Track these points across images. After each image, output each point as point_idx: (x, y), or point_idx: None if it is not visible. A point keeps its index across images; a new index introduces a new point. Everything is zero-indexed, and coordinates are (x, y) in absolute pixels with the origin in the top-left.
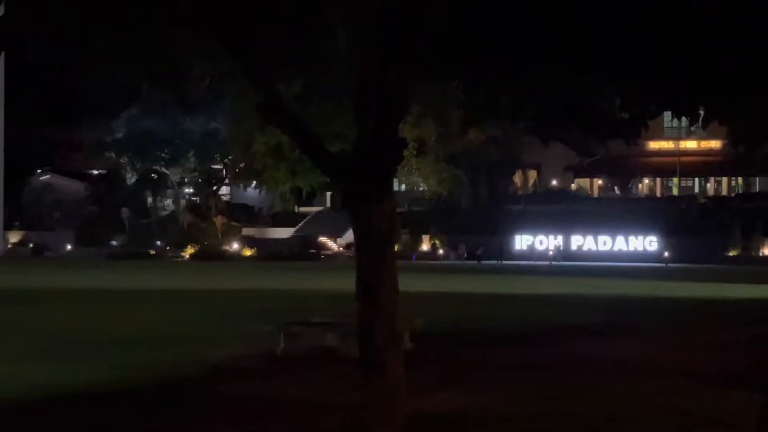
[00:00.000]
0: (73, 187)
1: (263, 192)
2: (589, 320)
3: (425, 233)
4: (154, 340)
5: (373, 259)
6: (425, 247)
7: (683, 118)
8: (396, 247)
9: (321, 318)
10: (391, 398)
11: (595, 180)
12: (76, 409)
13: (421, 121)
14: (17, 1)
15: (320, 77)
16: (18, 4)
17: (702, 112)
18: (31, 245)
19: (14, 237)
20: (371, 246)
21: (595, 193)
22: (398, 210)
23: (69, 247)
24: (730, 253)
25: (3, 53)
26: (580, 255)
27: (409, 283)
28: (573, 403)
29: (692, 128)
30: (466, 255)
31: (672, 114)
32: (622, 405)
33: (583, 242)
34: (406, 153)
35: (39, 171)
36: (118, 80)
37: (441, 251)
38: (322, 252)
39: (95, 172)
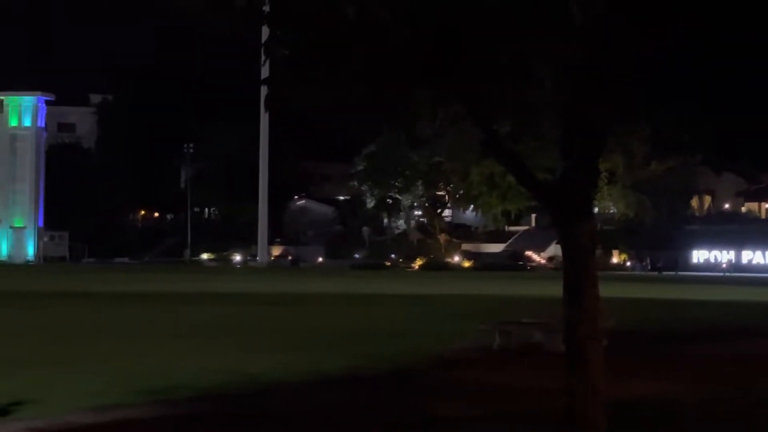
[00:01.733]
0: (324, 210)
1: (478, 214)
2: (758, 323)
3: (615, 248)
4: (391, 336)
5: (577, 269)
6: (615, 260)
7: None
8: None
9: (529, 318)
10: (593, 386)
11: (762, 204)
12: (335, 390)
13: (611, 155)
14: (281, 63)
15: (527, 119)
16: (281, 66)
17: None
18: (289, 258)
19: (276, 251)
20: (576, 258)
21: (763, 215)
22: None
23: (320, 259)
24: None
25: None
26: (750, 268)
27: (602, 289)
28: (757, 389)
29: None
30: (649, 267)
31: None
32: None
33: (752, 257)
34: (599, 181)
35: (296, 197)
36: (362, 123)
37: (629, 263)
38: (529, 264)
39: (341, 197)
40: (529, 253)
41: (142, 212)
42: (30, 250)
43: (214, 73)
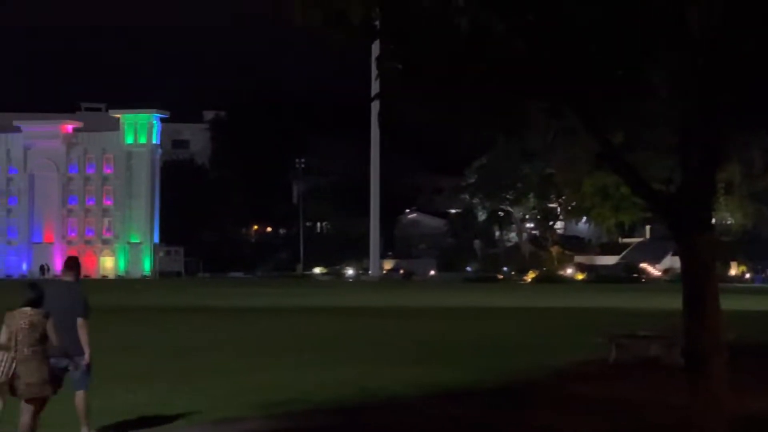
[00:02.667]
0: (435, 223)
1: (591, 226)
2: None
3: (733, 260)
4: (506, 349)
5: (698, 281)
6: (733, 271)
7: None
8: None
9: (646, 331)
10: (716, 400)
11: None
12: (452, 404)
13: (728, 164)
14: (393, 78)
15: (642, 129)
16: (393, 81)
17: None
18: (401, 271)
19: (388, 264)
20: (696, 271)
21: None
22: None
23: (432, 272)
24: None
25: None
26: None
27: (721, 302)
28: None
29: None
30: None
31: None
32: None
33: None
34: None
35: (407, 211)
36: (474, 136)
37: (747, 275)
38: (644, 276)
39: (453, 210)
40: (643, 265)
41: (255, 227)
42: (146, 265)
43: (326, 88)
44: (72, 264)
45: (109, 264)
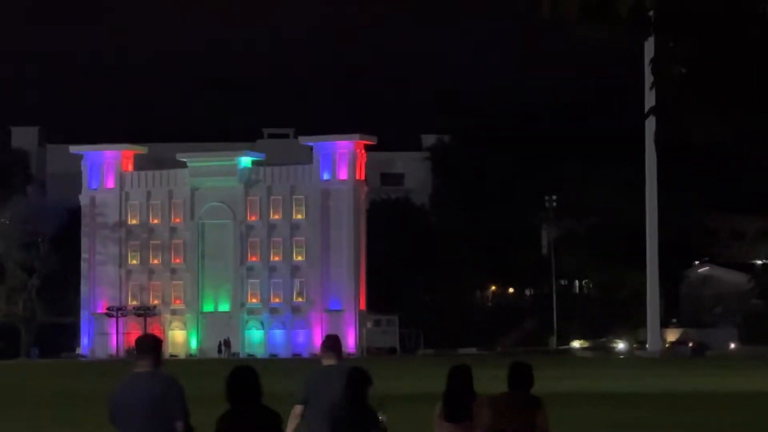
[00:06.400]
0: (736, 278)
1: None
2: None
3: None
4: None
5: None
6: None
7: None
8: None
9: None
10: None
11: None
12: None
13: None
14: (676, 85)
15: None
16: (677, 89)
17: None
18: (690, 344)
19: (672, 335)
20: None
21: None
22: None
23: (732, 345)
24: None
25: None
26: None
27: None
28: None
29: None
30: None
31: None
32: None
33: None
34: None
35: (697, 263)
36: None
37: None
38: None
39: (758, 262)
40: None
41: (493, 287)
42: (350, 339)
43: (582, 103)
44: (332, 343)
45: (301, 339)
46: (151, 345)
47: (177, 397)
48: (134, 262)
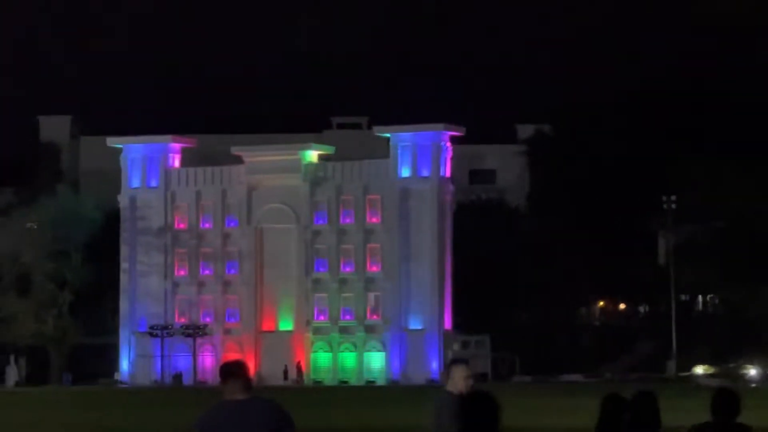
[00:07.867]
0: None
1: None
2: None
3: None
4: None
5: None
6: None
7: None
8: None
9: None
10: None
11: None
12: None
13: None
14: None
15: None
16: None
17: None
18: None
19: None
20: None
21: None
22: None
23: None
24: None
25: None
26: None
27: None
28: None
29: None
30: None
31: None
32: None
33: None
34: None
35: None
36: None
37: None
38: None
39: None
40: None
41: (601, 303)
42: (433, 363)
43: (710, 83)
44: (237, 370)
45: (375, 363)
46: (239, 368)
47: (290, 424)
48: (181, 273)
